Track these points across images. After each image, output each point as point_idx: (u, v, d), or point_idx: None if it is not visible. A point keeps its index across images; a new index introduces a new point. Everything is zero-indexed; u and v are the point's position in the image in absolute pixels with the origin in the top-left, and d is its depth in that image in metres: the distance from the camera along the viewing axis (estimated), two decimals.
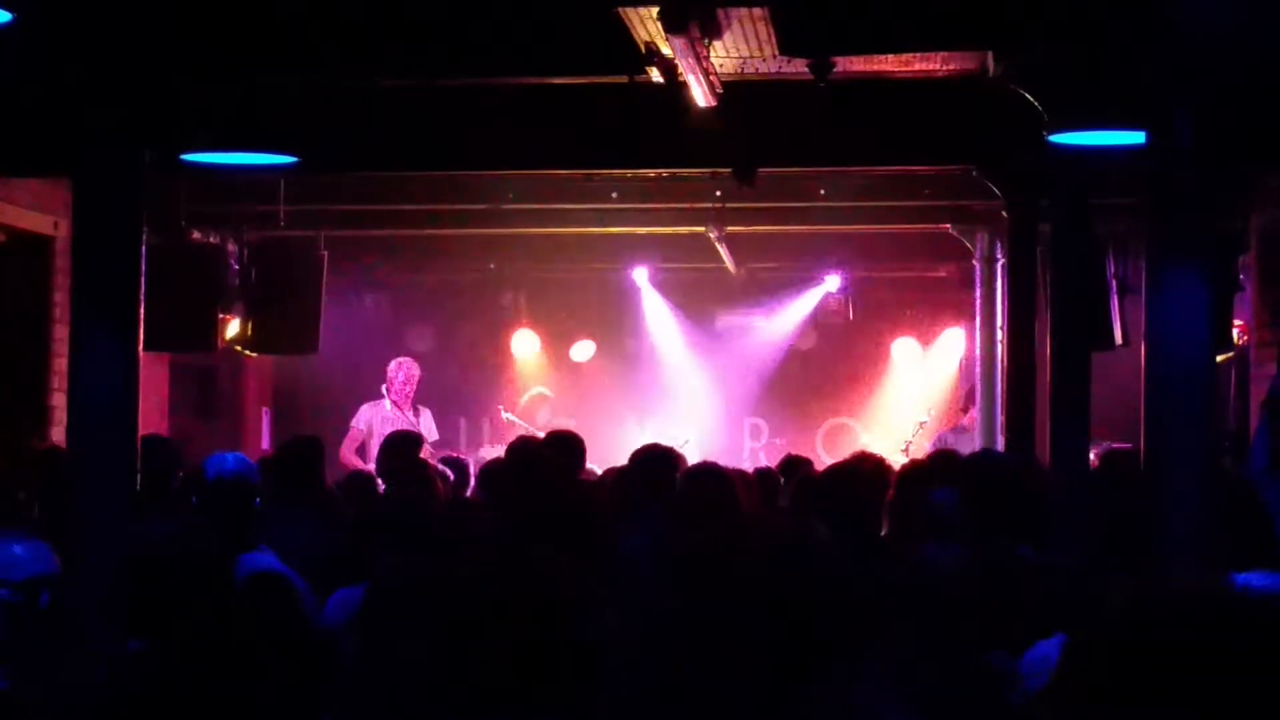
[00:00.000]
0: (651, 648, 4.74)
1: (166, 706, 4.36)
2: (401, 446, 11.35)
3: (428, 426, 16.62)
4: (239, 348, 15.77)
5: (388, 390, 16.92)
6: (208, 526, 6.65)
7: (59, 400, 14.37)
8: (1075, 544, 7.27)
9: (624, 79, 10.95)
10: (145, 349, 9.60)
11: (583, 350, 22.17)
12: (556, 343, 22.17)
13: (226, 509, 7.52)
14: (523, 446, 10.32)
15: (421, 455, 11.72)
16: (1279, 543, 6.15)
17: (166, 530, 5.75)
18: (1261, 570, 5.42)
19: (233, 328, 15.41)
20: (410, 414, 16.74)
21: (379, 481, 11.37)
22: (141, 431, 9.48)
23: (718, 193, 15.74)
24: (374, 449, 15.89)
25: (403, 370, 17.07)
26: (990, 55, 10.61)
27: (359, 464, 15.67)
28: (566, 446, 10.14)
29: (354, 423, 16.70)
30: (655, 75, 10.60)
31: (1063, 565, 6.75)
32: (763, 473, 11.29)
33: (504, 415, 20.61)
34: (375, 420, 16.53)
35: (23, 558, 6.08)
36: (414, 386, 17.13)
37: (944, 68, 11.36)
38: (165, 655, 4.93)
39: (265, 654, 4.57)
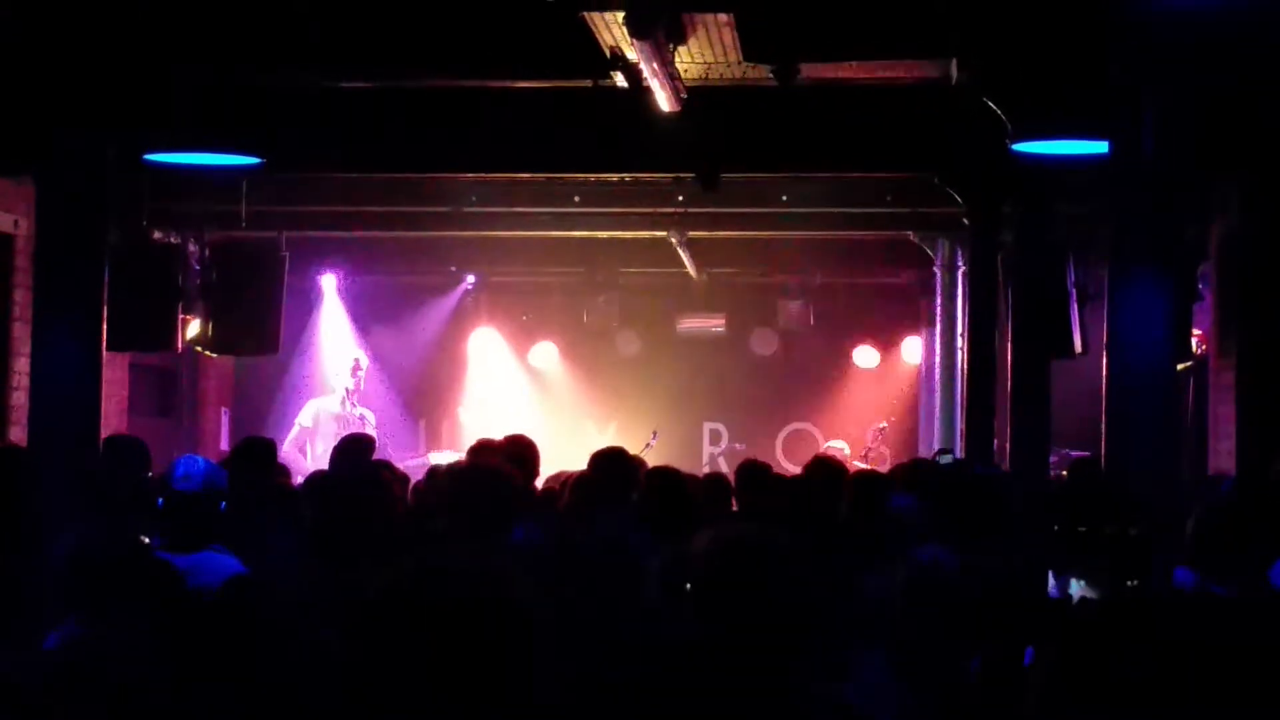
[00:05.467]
0: (619, 647, 4.75)
1: (97, 695, 4.36)
2: (355, 450, 11.30)
3: (360, 424, 16.60)
4: (199, 348, 15.71)
5: (355, 387, 16.90)
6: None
7: (18, 399, 14.30)
8: (1037, 549, 7.30)
9: (588, 83, 10.96)
10: (106, 349, 9.61)
11: (543, 353, 22.16)
12: (516, 346, 22.16)
13: (193, 512, 7.48)
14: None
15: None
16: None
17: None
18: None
19: (193, 328, 15.35)
20: (353, 411, 16.68)
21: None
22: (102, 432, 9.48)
23: (680, 197, 15.77)
24: (318, 445, 15.91)
25: (359, 368, 17.01)
26: (954, 63, 10.64)
27: (300, 460, 15.63)
28: (521, 452, 10.12)
29: (299, 418, 16.57)
30: (619, 80, 10.60)
31: (1022, 569, 6.78)
32: (713, 478, 11.25)
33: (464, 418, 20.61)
34: (321, 417, 16.46)
35: None
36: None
37: (908, 75, 11.39)
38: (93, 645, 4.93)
39: (241, 655, 4.58)
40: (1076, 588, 5.68)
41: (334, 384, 16.72)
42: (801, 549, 4.19)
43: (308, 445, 16.55)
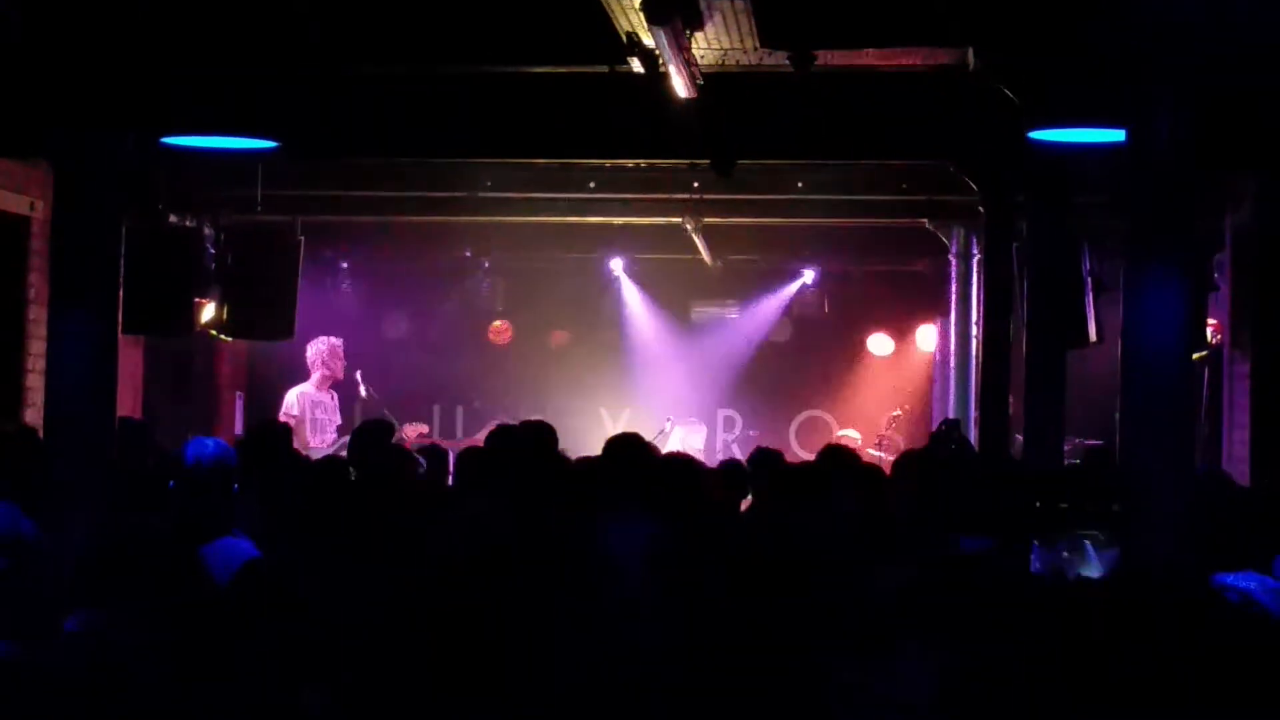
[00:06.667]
0: (639, 635, 4.76)
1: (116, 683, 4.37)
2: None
3: (335, 408, 16.68)
4: (214, 332, 15.72)
5: (356, 375, 16.97)
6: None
7: (33, 382, 14.32)
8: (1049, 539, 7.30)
9: (604, 69, 10.95)
10: (122, 332, 9.63)
11: (557, 339, 22.16)
12: (532, 331, 22.15)
13: (205, 494, 7.50)
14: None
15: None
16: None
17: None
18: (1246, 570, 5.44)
19: (208, 312, 15.37)
20: (329, 396, 16.75)
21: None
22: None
23: (695, 184, 15.76)
24: (306, 434, 15.92)
25: (340, 350, 16.98)
26: (971, 51, 10.62)
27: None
28: (537, 435, 10.13)
29: (286, 409, 16.52)
30: (636, 65, 10.59)
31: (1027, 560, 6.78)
32: (728, 465, 11.25)
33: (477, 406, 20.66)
34: (306, 404, 16.48)
35: None
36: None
37: (924, 62, 11.37)
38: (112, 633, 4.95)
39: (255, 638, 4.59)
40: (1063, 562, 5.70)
41: (311, 369, 16.72)
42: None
43: (298, 434, 16.54)
